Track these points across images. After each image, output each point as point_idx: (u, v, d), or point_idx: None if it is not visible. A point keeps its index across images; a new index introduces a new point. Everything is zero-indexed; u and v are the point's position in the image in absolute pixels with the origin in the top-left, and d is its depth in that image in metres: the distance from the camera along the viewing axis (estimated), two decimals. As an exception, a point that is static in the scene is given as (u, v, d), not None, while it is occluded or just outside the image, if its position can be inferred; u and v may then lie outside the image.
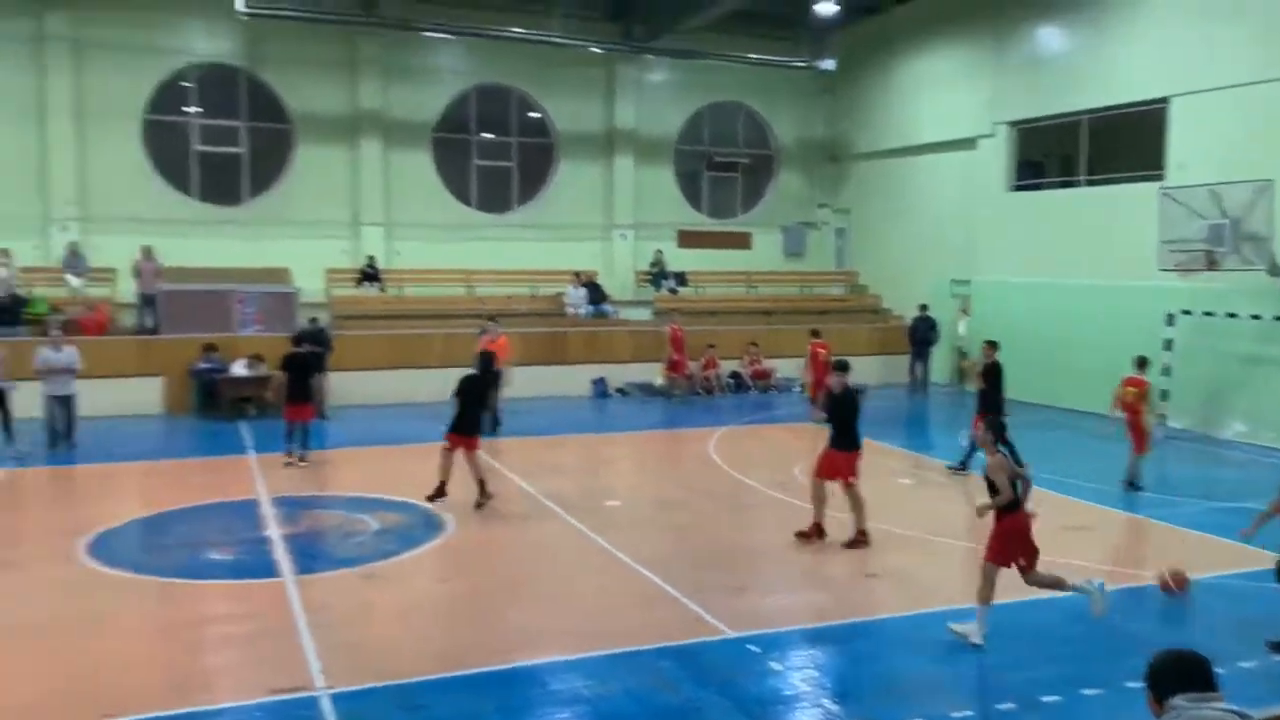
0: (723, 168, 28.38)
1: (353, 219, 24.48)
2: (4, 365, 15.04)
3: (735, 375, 23.44)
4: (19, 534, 11.20)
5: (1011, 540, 7.92)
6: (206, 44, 23.24)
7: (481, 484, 12.02)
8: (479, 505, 11.89)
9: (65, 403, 15.42)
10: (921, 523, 11.61)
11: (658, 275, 26.12)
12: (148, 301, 20.40)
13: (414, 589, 9.43)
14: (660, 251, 26.43)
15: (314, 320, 19.31)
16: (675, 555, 10.52)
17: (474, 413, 12.31)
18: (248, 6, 20.70)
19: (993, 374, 13.81)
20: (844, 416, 10.81)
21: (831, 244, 29.24)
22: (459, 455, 11.97)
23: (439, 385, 19.95)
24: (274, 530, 11.12)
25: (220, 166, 23.77)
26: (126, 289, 21.21)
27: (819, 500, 10.86)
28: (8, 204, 21.36)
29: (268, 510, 11.96)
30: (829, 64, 26.35)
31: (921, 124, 25.29)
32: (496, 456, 15.19)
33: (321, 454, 15.44)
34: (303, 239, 23.65)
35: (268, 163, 24.09)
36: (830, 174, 29.03)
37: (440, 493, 11.88)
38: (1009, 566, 7.96)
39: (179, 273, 20.89)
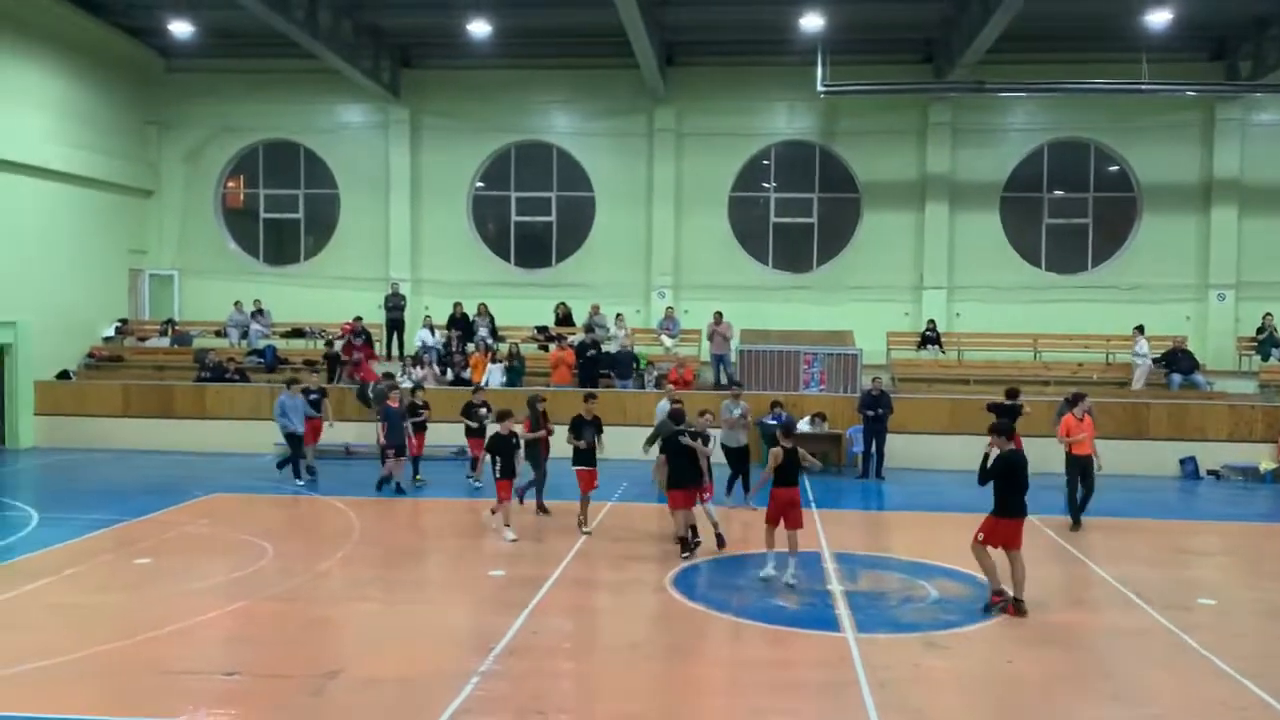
0: (1358, 216, 23.83)
1: (915, 282, 24.67)
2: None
3: (1373, 464, 19.31)
4: (626, 562, 12.71)
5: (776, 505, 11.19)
6: (788, 124, 25.21)
7: None
8: None
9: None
10: None
11: (1265, 342, 22.56)
12: (719, 360, 22.27)
13: (978, 664, 9.01)
14: (1270, 315, 22.83)
15: (875, 380, 19.64)
16: (1291, 671, 8.84)
17: None
18: (824, 86, 22.06)
19: None
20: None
21: None
22: None
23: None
24: (836, 585, 11.39)
25: (793, 236, 25.50)
26: (708, 348, 23.49)
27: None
28: (621, 274, 25.06)
29: (830, 565, 12.31)
30: None
31: None
32: (1067, 537, 14.18)
33: (879, 515, 15.60)
34: (866, 302, 24.43)
35: (836, 230, 25.30)
36: None
37: None
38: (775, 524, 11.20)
39: (755, 334, 22.59)
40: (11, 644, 8.98)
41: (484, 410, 16.73)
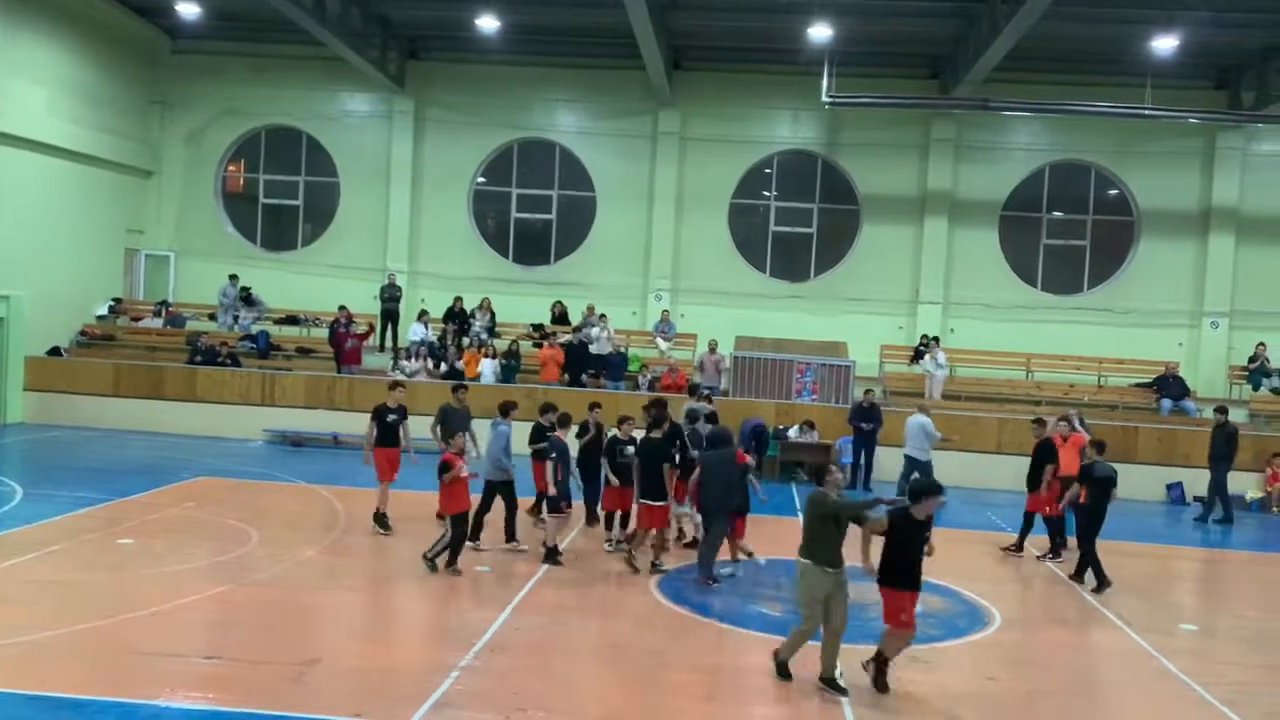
0: (1357, 249, 23.91)
1: (911, 297, 24.71)
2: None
3: (1359, 497, 19.37)
4: (611, 563, 12.68)
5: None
6: (791, 133, 25.24)
7: None
8: None
9: None
10: None
11: (1257, 371, 22.65)
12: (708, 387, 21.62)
13: (959, 679, 9.02)
14: (1263, 345, 22.92)
15: (868, 393, 19.67)
16: (1269, 698, 8.85)
17: None
18: (829, 97, 22.08)
19: None
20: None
21: None
22: None
23: (990, 470, 19.60)
24: (819, 594, 11.37)
25: (791, 245, 25.53)
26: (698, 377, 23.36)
27: None
28: (618, 276, 25.07)
29: (814, 574, 12.28)
30: None
31: None
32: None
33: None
34: (861, 314, 24.47)
35: (834, 242, 25.34)
36: None
37: None
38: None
39: (749, 342, 22.56)
40: (-9, 618, 8.94)
41: (631, 448, 12.53)
